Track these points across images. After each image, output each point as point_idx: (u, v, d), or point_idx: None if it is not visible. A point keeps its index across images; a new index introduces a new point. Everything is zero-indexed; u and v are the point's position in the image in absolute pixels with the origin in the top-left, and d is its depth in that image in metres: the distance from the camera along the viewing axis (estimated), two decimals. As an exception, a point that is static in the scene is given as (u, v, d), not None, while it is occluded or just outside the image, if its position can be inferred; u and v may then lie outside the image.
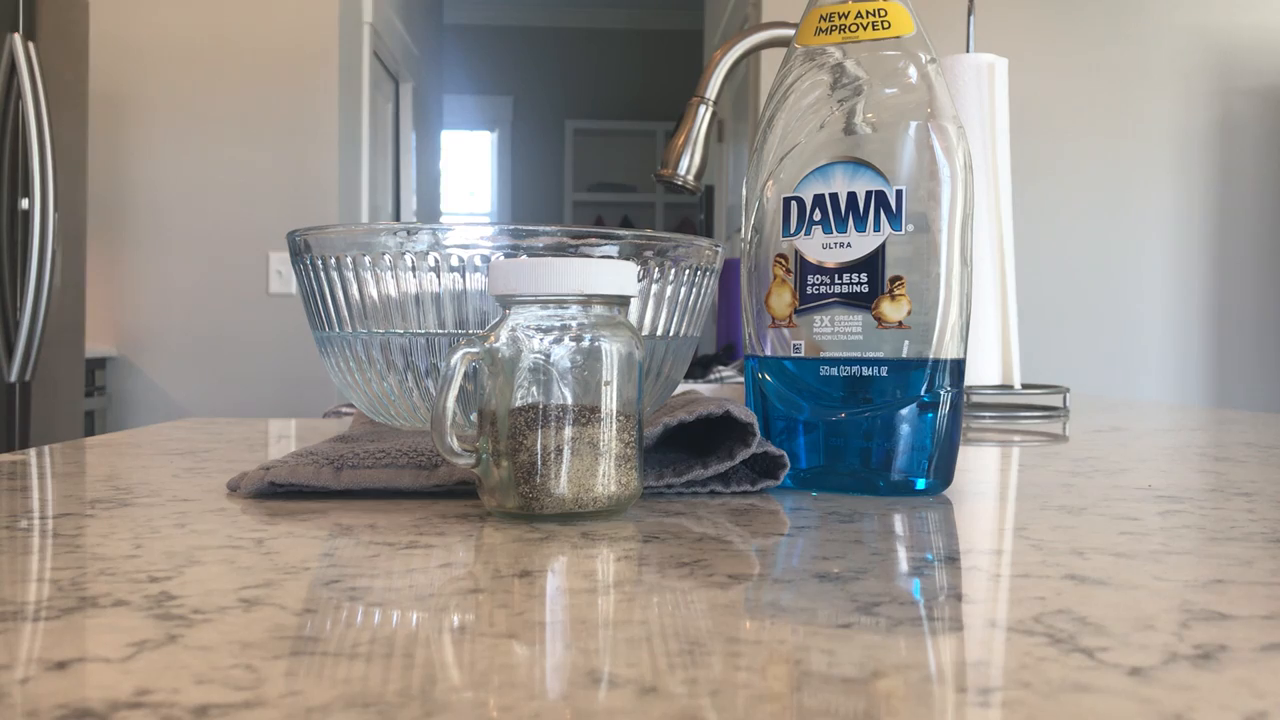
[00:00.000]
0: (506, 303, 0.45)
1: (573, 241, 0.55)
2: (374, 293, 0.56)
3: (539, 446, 0.43)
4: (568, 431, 0.44)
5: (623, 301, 0.46)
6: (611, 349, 0.45)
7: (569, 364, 0.44)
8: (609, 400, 0.44)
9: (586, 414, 0.44)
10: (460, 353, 0.44)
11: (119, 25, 3.02)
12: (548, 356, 0.44)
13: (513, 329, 0.44)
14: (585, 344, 0.44)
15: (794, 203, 0.54)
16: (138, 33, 3.04)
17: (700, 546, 0.40)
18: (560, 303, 0.44)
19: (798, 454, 0.54)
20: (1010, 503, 0.53)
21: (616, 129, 6.38)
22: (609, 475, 0.44)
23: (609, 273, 0.45)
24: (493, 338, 0.44)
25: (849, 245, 0.52)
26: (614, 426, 0.44)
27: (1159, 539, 0.42)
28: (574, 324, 0.44)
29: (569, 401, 0.44)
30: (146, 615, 0.29)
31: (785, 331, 0.54)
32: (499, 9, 6.28)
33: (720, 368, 2.03)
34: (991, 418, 1.01)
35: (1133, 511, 0.48)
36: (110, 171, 3.03)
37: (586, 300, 0.44)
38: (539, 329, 0.44)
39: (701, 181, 1.04)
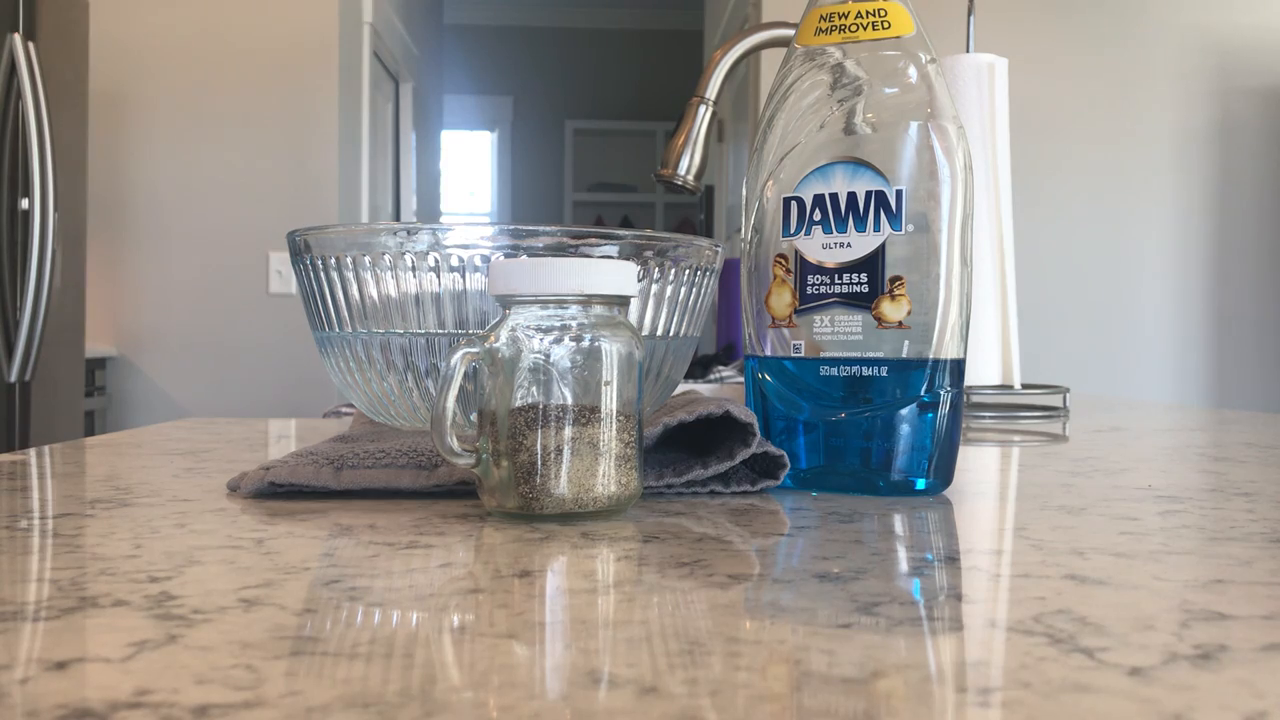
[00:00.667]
0: (506, 303, 0.45)
1: (573, 241, 0.55)
2: (374, 293, 0.56)
3: (539, 446, 0.43)
4: (568, 431, 0.44)
5: (623, 301, 0.46)
6: (611, 349, 0.45)
7: (569, 364, 0.44)
8: (609, 400, 0.44)
9: (586, 414, 0.44)
10: (460, 353, 0.44)
11: (119, 25, 3.02)
12: (548, 356, 0.44)
13: (513, 329, 0.44)
14: (585, 344, 0.44)
15: (794, 203, 0.54)
16: (138, 33, 3.04)
17: (700, 546, 0.40)
18: (560, 303, 0.44)
19: (798, 454, 0.54)
20: (1010, 503, 0.53)
21: (616, 129, 6.38)
22: (609, 475, 0.44)
23: (609, 273, 0.45)
24: (493, 338, 0.44)
25: (849, 245, 0.52)
26: (614, 426, 0.44)
27: (1159, 539, 0.42)
28: (574, 324, 0.44)
29: (569, 401, 0.44)
30: (146, 615, 0.29)
31: (785, 331, 0.54)
32: (499, 9, 6.28)
33: (720, 368, 2.03)
34: (991, 418, 1.01)
35: (1133, 511, 0.48)
36: (110, 171, 3.03)
37: (586, 300, 0.44)
38: (539, 329, 0.44)
39: (701, 181, 1.04)
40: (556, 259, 0.45)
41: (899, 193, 0.51)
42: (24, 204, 2.24)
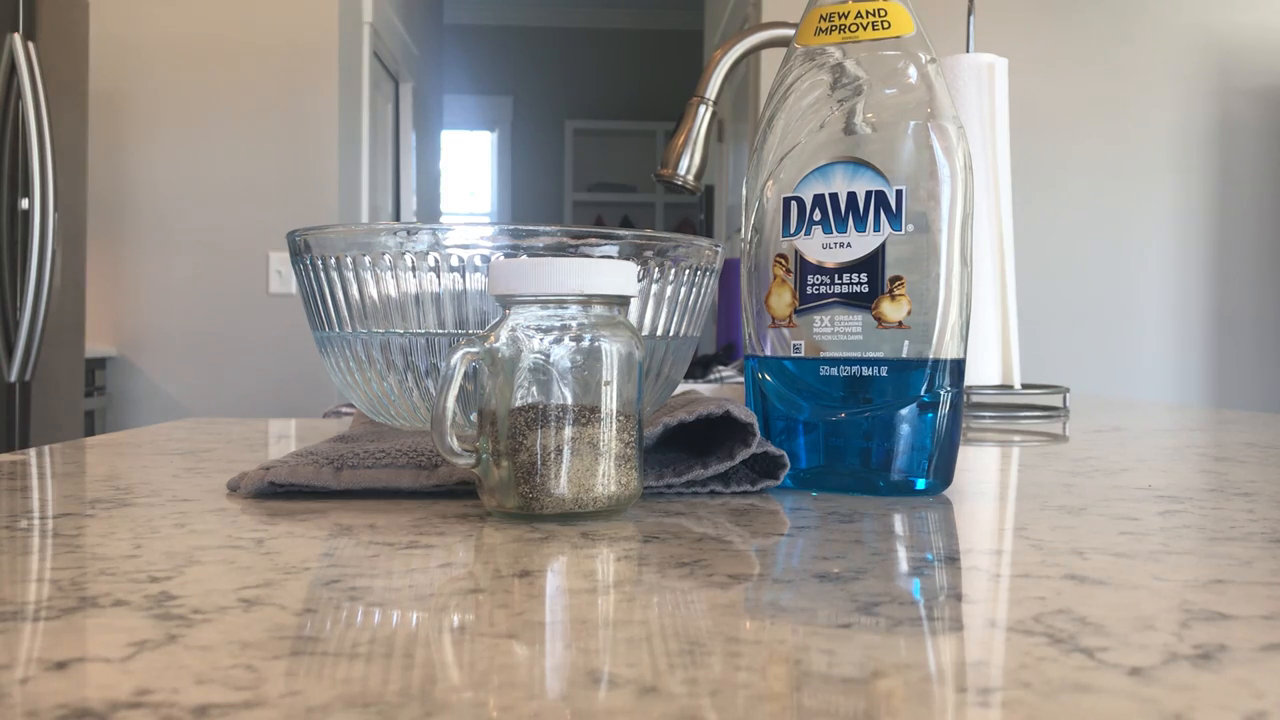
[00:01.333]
0: (506, 303, 0.45)
1: (573, 241, 0.55)
2: (374, 293, 0.56)
3: (539, 446, 0.43)
4: (568, 431, 0.44)
5: (623, 301, 0.46)
6: (611, 349, 0.45)
7: (569, 364, 0.44)
8: (609, 400, 0.44)
9: (586, 414, 0.44)
10: (460, 353, 0.44)
11: (119, 25, 3.02)
12: (548, 356, 0.44)
13: (513, 329, 0.44)
14: (585, 344, 0.44)
15: (794, 203, 0.54)
16: (138, 32, 3.04)
17: (700, 546, 0.40)
18: (560, 303, 0.44)
19: (798, 454, 0.54)
20: (1010, 503, 0.53)
21: (616, 129, 6.38)
22: (609, 475, 0.44)
23: (609, 273, 0.45)
24: (493, 338, 0.44)
25: (849, 245, 0.52)
26: (614, 426, 0.44)
27: (1159, 539, 0.42)
28: (574, 324, 0.44)
29: (569, 401, 0.44)
30: (146, 615, 0.29)
31: (785, 331, 0.54)
32: (499, 9, 6.28)
33: (720, 368, 2.03)
34: (991, 418, 1.01)
35: (1133, 511, 0.48)
36: (110, 171, 3.03)
37: (586, 300, 0.44)
38: (539, 329, 0.44)
39: (701, 181, 1.04)
40: (556, 259, 0.45)
41: (899, 193, 0.51)
42: (24, 204, 2.24)
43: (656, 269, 0.57)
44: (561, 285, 0.44)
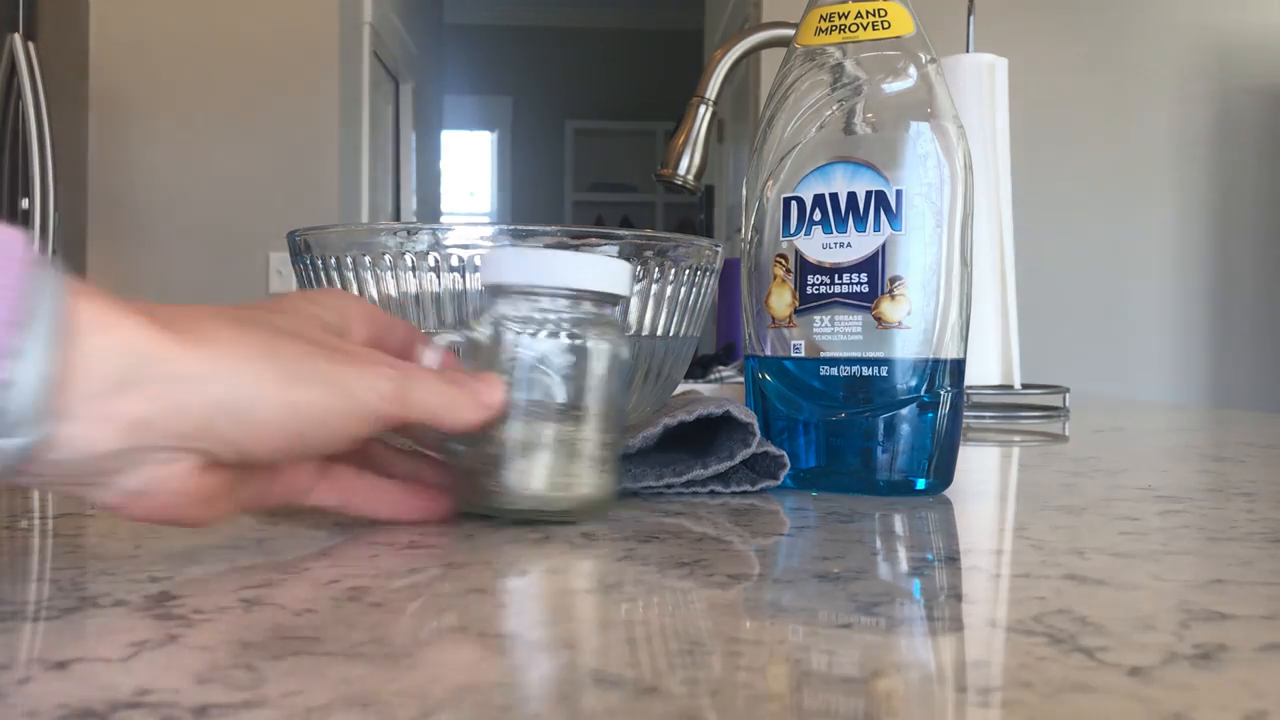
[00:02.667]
0: (495, 292, 0.44)
1: (572, 241, 0.55)
2: (374, 293, 0.56)
3: (508, 440, 0.42)
4: (536, 428, 0.42)
5: (614, 300, 0.45)
6: (594, 347, 0.43)
7: (549, 359, 0.43)
8: (587, 399, 0.43)
9: (561, 411, 0.43)
10: (443, 339, 0.44)
11: (119, 25, 3.02)
12: (529, 350, 0.43)
13: (496, 319, 0.43)
14: (566, 340, 0.43)
15: (794, 203, 0.54)
16: (138, 32, 3.04)
17: (700, 546, 0.40)
18: (547, 296, 0.43)
19: (798, 454, 0.54)
20: (1010, 503, 0.53)
21: (616, 129, 6.38)
22: (579, 475, 0.43)
23: (598, 269, 0.43)
24: (476, 325, 0.44)
25: (849, 245, 0.52)
26: (590, 426, 0.43)
27: (1159, 539, 0.42)
28: (554, 318, 0.43)
29: (545, 398, 0.43)
30: (146, 615, 0.29)
31: (785, 331, 0.54)
32: (499, 9, 6.29)
33: (720, 368, 2.03)
34: (991, 418, 1.01)
35: (1133, 511, 0.48)
36: (111, 171, 3.03)
37: (575, 296, 0.43)
38: (523, 320, 0.43)
39: (701, 181, 1.04)
40: (548, 251, 0.44)
41: (899, 193, 0.51)
42: (24, 204, 2.24)
43: (656, 269, 0.57)
44: (550, 279, 0.43)
